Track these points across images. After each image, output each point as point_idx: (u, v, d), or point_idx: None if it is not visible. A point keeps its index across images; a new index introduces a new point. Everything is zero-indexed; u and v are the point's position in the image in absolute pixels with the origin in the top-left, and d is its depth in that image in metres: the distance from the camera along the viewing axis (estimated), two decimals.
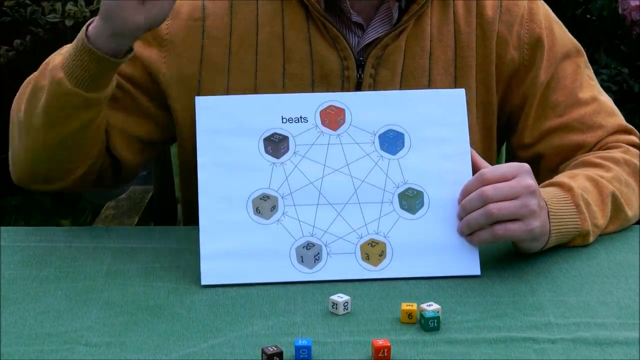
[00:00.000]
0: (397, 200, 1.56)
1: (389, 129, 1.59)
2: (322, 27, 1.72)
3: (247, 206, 1.54)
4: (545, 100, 1.78)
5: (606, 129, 1.77)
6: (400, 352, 1.33)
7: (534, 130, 1.79)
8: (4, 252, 1.61)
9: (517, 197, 1.51)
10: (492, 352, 1.33)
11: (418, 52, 1.75)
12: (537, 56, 1.78)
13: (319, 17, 1.71)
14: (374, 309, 1.44)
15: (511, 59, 1.78)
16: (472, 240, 1.54)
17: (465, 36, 1.76)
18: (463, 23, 1.77)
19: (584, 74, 1.81)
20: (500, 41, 1.78)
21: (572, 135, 1.77)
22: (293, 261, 1.53)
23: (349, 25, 1.74)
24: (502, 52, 1.78)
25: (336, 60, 1.73)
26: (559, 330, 1.39)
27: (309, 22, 1.73)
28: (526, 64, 1.78)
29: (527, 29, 1.78)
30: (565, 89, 1.78)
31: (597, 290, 1.51)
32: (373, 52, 1.73)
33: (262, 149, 1.57)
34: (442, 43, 1.76)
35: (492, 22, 1.77)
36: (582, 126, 1.77)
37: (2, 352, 1.33)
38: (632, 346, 1.35)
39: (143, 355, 1.32)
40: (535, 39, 1.78)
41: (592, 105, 1.79)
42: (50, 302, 1.46)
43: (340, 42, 1.72)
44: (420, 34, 1.75)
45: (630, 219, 1.71)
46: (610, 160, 1.71)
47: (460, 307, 1.45)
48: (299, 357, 1.29)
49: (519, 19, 1.78)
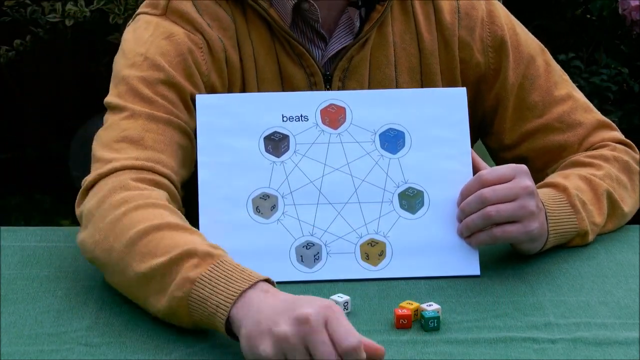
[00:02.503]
0: (397, 199, 1.56)
1: (390, 127, 1.59)
2: (287, 45, 1.70)
3: (247, 205, 1.54)
4: (522, 102, 1.78)
5: (585, 125, 1.77)
6: (401, 352, 1.33)
7: (513, 132, 1.79)
8: (4, 252, 1.61)
9: (516, 198, 1.51)
10: (492, 352, 1.33)
11: (383, 62, 1.74)
12: (503, 58, 1.77)
13: (282, 34, 1.69)
14: (374, 309, 1.44)
15: (477, 63, 1.77)
16: (471, 243, 1.54)
17: (427, 43, 1.75)
18: (424, 30, 1.76)
19: (555, 71, 1.81)
20: (463, 46, 1.77)
21: (554, 136, 1.77)
22: (293, 261, 1.53)
23: (313, 39, 1.72)
24: (467, 57, 1.77)
25: (303, 78, 1.71)
26: (559, 330, 1.39)
27: (274, 41, 1.70)
28: (493, 67, 1.78)
29: (489, 31, 1.78)
30: (541, 88, 1.78)
31: (597, 290, 1.51)
32: (339, 64, 1.71)
33: (263, 147, 1.57)
34: (405, 51, 1.75)
35: (451, 28, 1.76)
36: (562, 125, 1.77)
37: (2, 352, 1.33)
38: (632, 346, 1.35)
39: (143, 355, 1.32)
40: (498, 41, 1.78)
41: (569, 102, 1.78)
42: (51, 302, 1.46)
43: (306, 59, 1.70)
44: (384, 43, 1.74)
45: (627, 215, 1.71)
46: (600, 159, 1.72)
47: (460, 307, 1.45)
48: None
49: (480, 23, 1.77)
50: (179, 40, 1.66)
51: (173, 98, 1.63)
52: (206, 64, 1.67)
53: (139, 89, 1.62)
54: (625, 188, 1.71)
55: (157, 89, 1.62)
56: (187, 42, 1.66)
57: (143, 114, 1.59)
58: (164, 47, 1.66)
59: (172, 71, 1.63)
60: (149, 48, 1.66)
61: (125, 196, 1.48)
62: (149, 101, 1.61)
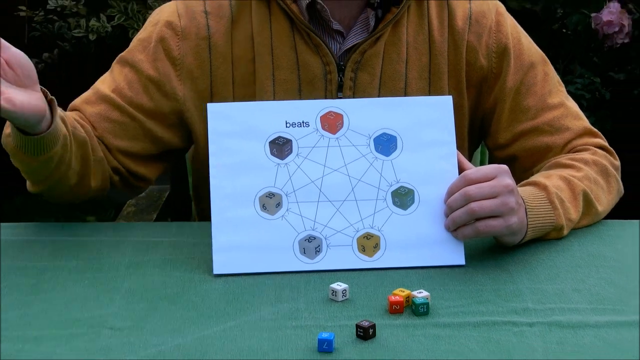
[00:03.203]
0: (390, 197, 1.57)
1: (383, 132, 1.59)
2: (306, 36, 1.73)
3: (255, 203, 1.55)
4: (518, 105, 1.79)
5: (573, 131, 1.78)
6: (394, 334, 1.33)
7: (507, 132, 1.80)
8: (36, 246, 1.62)
9: (497, 195, 1.51)
10: (476, 334, 1.34)
11: (395, 58, 1.75)
12: (504, 64, 1.78)
13: (303, 28, 1.72)
14: (370, 296, 1.45)
15: (480, 67, 1.79)
16: (457, 236, 1.54)
17: (438, 45, 1.77)
18: (436, 33, 1.77)
19: (552, 81, 1.81)
20: (470, 50, 1.78)
21: (543, 137, 1.78)
22: (296, 253, 1.53)
23: (331, 33, 1.75)
24: (472, 60, 1.78)
25: (319, 65, 1.74)
26: (536, 314, 1.39)
27: (294, 32, 1.73)
28: (495, 71, 1.79)
29: (495, 39, 1.79)
30: (536, 94, 1.79)
31: (571, 279, 1.51)
32: (352, 56, 1.74)
33: (268, 151, 1.57)
34: (417, 50, 1.76)
35: (462, 33, 1.77)
36: (551, 129, 1.78)
37: (36, 336, 1.33)
38: (602, 329, 1.36)
39: (161, 338, 1.33)
40: (502, 49, 1.78)
41: (560, 109, 1.79)
42: (78, 291, 1.46)
43: (322, 49, 1.73)
44: (397, 41, 1.75)
45: (601, 214, 1.71)
46: (580, 162, 1.72)
47: (447, 294, 1.45)
48: (322, 349, 1.29)
49: (487, 30, 1.78)
50: (158, 27, 1.76)
51: (131, 78, 1.75)
52: (179, 48, 1.74)
53: (112, 66, 1.80)
54: (602, 189, 1.72)
55: (123, 70, 1.77)
56: (162, 30, 1.76)
57: (95, 88, 1.78)
58: (148, 32, 1.78)
59: (140, 55, 1.76)
60: (141, 32, 1.80)
61: None
62: (111, 78, 1.78)
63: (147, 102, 1.75)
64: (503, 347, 1.31)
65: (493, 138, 1.82)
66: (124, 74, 1.76)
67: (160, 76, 1.75)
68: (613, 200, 1.75)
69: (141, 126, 1.76)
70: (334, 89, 1.74)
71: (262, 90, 1.74)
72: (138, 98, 1.75)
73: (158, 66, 1.75)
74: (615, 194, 1.76)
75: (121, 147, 1.76)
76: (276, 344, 1.31)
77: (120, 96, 1.75)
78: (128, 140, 1.76)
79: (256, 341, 1.32)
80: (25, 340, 1.33)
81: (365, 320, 1.32)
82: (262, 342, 1.32)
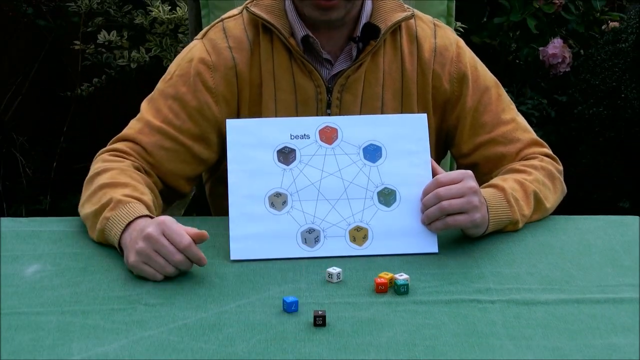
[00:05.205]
0: (376, 197, 1.55)
1: (371, 143, 1.58)
2: (302, 64, 1.71)
3: (265, 201, 1.53)
4: (476, 121, 1.77)
5: (523, 141, 1.76)
6: (380, 310, 1.33)
7: (469, 144, 1.78)
8: (84, 235, 1.59)
9: (464, 195, 1.50)
10: (448, 310, 1.33)
11: (373, 82, 1.74)
12: (463, 87, 1.77)
13: (299, 57, 1.71)
14: (359, 278, 1.44)
15: (444, 90, 1.77)
16: (431, 229, 1.53)
17: (409, 72, 1.75)
18: (407, 62, 1.75)
19: (505, 101, 1.80)
20: (435, 77, 1.76)
21: (498, 147, 1.76)
22: (299, 242, 1.51)
23: (321, 61, 1.73)
24: (437, 84, 1.76)
25: (312, 88, 1.72)
26: (497, 293, 1.38)
27: (292, 61, 1.72)
28: (456, 93, 1.77)
29: (456, 67, 1.77)
30: (491, 112, 1.77)
31: (525, 264, 1.50)
32: (339, 80, 1.72)
33: (276, 158, 1.56)
34: (391, 76, 1.75)
35: (428, 63, 1.76)
36: (505, 140, 1.76)
37: (83, 310, 1.33)
38: (550, 305, 1.35)
39: (188, 313, 1.32)
40: (461, 75, 1.77)
41: (512, 124, 1.77)
42: (119, 273, 1.45)
43: (314, 74, 1.71)
44: (375, 68, 1.74)
45: (549, 209, 1.69)
46: (530, 167, 1.71)
47: (423, 277, 1.44)
48: (290, 310, 1.31)
49: (449, 60, 1.77)
50: (193, 64, 1.71)
51: (177, 109, 1.69)
52: (213, 79, 1.70)
53: (154, 98, 1.72)
54: (549, 189, 1.70)
55: (167, 102, 1.70)
56: (198, 66, 1.71)
57: (144, 120, 1.70)
58: (184, 68, 1.72)
59: (182, 88, 1.70)
60: (176, 68, 1.74)
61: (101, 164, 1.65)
62: (156, 109, 1.70)
63: (193, 128, 1.70)
64: (469, 320, 1.31)
65: (457, 148, 1.80)
66: (168, 105, 1.71)
67: (201, 104, 1.71)
68: (558, 199, 1.74)
69: (190, 151, 1.71)
70: (323, 107, 1.73)
71: (267, 109, 1.73)
72: (186, 125, 1.70)
73: (198, 96, 1.71)
74: (560, 194, 1.75)
75: (175, 171, 1.71)
76: (281, 318, 1.30)
77: (170, 126, 1.69)
78: (180, 163, 1.71)
79: (265, 316, 1.31)
80: (74, 314, 1.32)
81: (320, 310, 1.30)
82: (270, 316, 1.31)
